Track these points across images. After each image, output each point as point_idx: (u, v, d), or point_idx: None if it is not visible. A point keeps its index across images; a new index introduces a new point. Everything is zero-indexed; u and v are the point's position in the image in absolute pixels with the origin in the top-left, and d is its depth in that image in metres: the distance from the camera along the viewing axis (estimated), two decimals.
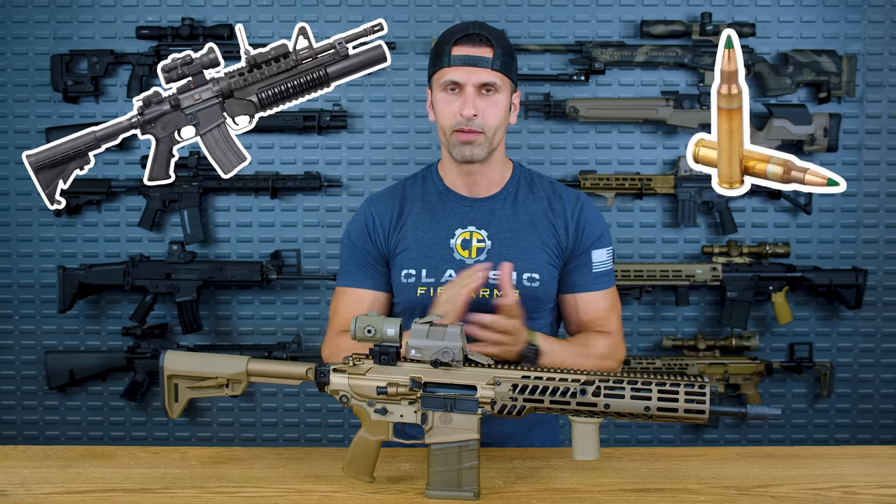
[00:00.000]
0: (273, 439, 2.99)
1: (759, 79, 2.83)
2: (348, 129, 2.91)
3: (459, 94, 1.63)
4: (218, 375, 1.33)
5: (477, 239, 1.70)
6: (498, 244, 1.69)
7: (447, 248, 1.69)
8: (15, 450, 1.54)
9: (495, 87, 1.63)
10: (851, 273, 2.85)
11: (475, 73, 1.61)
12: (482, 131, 1.63)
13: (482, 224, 1.71)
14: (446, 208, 1.73)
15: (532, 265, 1.68)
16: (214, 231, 2.94)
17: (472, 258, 1.68)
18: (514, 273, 1.65)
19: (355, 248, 1.74)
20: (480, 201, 1.73)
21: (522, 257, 1.68)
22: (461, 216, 1.72)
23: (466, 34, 1.63)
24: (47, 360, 2.86)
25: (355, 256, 1.74)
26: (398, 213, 1.74)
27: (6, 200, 2.95)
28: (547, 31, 2.91)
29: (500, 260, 1.64)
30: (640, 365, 2.82)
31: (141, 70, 2.83)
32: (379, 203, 1.77)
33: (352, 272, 1.74)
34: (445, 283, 1.66)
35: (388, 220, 1.74)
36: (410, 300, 1.69)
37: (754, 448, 1.60)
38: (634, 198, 2.90)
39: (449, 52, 1.62)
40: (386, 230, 1.73)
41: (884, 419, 2.98)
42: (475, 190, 1.73)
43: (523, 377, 1.26)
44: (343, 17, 2.90)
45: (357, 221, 1.77)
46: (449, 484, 1.27)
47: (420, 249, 1.70)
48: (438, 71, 1.64)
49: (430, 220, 1.72)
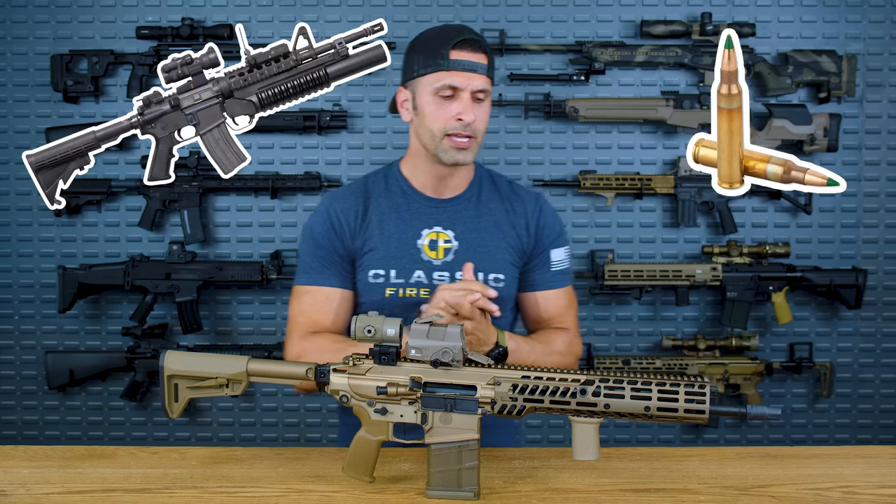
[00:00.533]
0: (273, 439, 2.99)
1: (759, 79, 2.83)
2: (348, 129, 2.91)
3: (453, 99, 1.63)
4: (218, 375, 1.33)
5: (444, 240, 1.71)
6: (464, 245, 1.71)
7: (415, 248, 1.71)
8: (15, 450, 1.54)
9: (486, 93, 1.66)
10: (851, 273, 2.84)
11: (473, 79, 1.63)
12: (474, 136, 1.65)
13: (448, 224, 1.72)
14: (412, 208, 1.74)
15: (497, 266, 1.71)
16: (214, 231, 2.94)
17: (439, 259, 1.70)
18: (480, 274, 1.69)
19: (320, 245, 1.72)
20: (445, 202, 1.74)
21: (488, 258, 1.71)
22: (427, 216, 1.73)
23: (463, 39, 1.63)
24: (47, 360, 2.86)
25: (320, 254, 1.72)
26: (363, 210, 1.73)
27: (6, 200, 2.95)
28: (547, 31, 2.91)
29: (467, 261, 1.66)
30: (640, 365, 2.82)
31: (141, 70, 2.83)
32: (342, 200, 1.76)
33: (316, 269, 1.72)
34: (414, 285, 1.68)
35: (352, 217, 1.73)
36: (377, 301, 1.69)
37: (754, 448, 1.60)
38: (634, 198, 2.90)
39: (447, 56, 1.62)
40: (352, 228, 1.72)
41: (884, 419, 2.98)
42: (442, 191, 1.75)
43: (523, 377, 1.26)
44: (343, 17, 2.90)
45: (320, 218, 1.74)
46: (449, 484, 1.27)
47: (387, 250, 1.70)
48: (434, 73, 1.64)
49: (397, 220, 1.72)
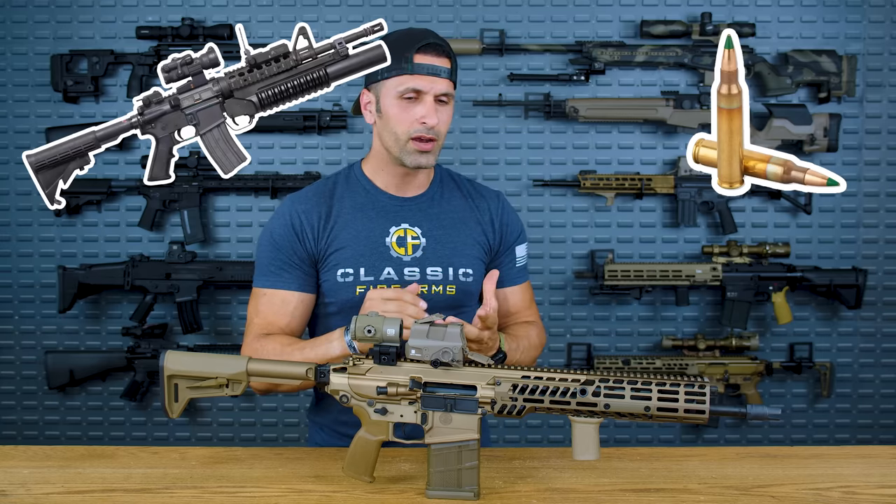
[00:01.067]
0: (273, 439, 2.99)
1: (759, 79, 2.83)
2: (348, 129, 2.91)
3: (417, 102, 1.64)
4: (218, 375, 1.33)
5: (412, 236, 1.72)
6: (433, 241, 1.72)
7: (383, 245, 1.71)
8: (15, 450, 1.54)
9: (449, 97, 1.67)
10: (851, 273, 2.85)
11: (437, 83, 1.64)
12: (436, 139, 1.67)
13: (415, 221, 1.74)
14: (377, 206, 1.74)
15: (466, 261, 1.73)
16: (214, 231, 2.94)
17: (408, 255, 1.71)
18: (450, 269, 1.71)
19: (279, 247, 1.71)
20: (409, 200, 1.75)
21: (456, 253, 1.73)
22: (393, 214, 1.74)
23: (427, 43, 1.64)
24: (47, 360, 2.86)
25: (279, 256, 1.71)
26: (326, 212, 1.73)
27: (6, 200, 2.95)
28: (547, 31, 2.91)
29: (435, 256, 1.71)
30: (640, 365, 2.82)
31: (141, 70, 2.84)
32: (304, 202, 1.74)
33: (273, 272, 1.70)
34: (384, 281, 1.68)
35: (316, 219, 1.72)
36: (348, 299, 1.68)
37: (754, 448, 1.59)
38: (634, 198, 2.90)
39: (411, 60, 1.63)
40: (315, 230, 1.71)
41: (884, 419, 2.98)
42: (405, 190, 1.76)
43: (523, 377, 1.26)
44: (343, 17, 2.90)
45: (281, 220, 1.73)
46: (449, 484, 1.27)
47: (356, 248, 1.70)
48: (398, 77, 1.64)
49: (363, 219, 1.72)
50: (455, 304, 1.71)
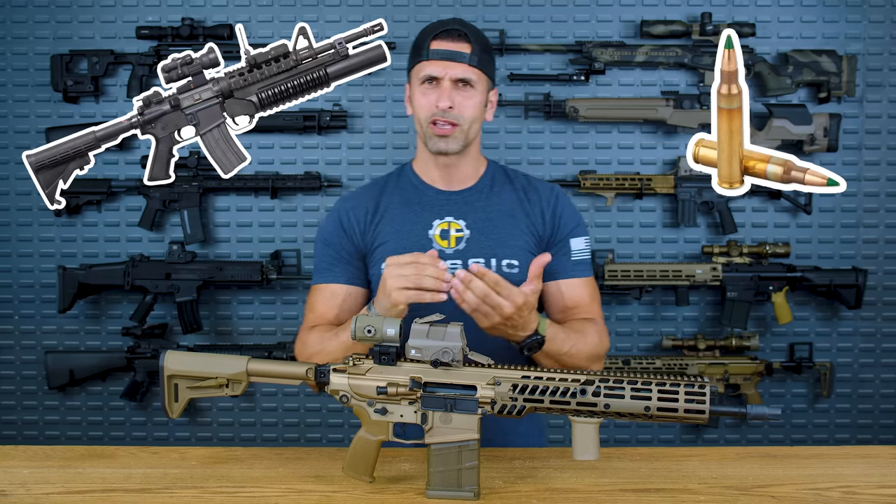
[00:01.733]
0: (273, 439, 2.99)
1: (759, 79, 2.83)
2: (348, 129, 2.91)
3: (436, 88, 1.67)
4: (218, 375, 1.33)
5: (455, 229, 1.72)
6: (476, 233, 1.72)
7: (426, 238, 1.72)
8: (15, 450, 1.54)
9: (471, 83, 1.67)
10: (851, 273, 2.84)
11: (452, 68, 1.65)
12: (457, 123, 1.67)
13: (459, 214, 1.74)
14: (423, 201, 1.76)
15: (511, 252, 1.71)
16: (214, 231, 2.94)
17: (451, 248, 1.71)
18: (493, 260, 1.70)
19: (329, 244, 1.76)
20: (456, 194, 1.76)
21: (501, 245, 1.71)
22: (438, 208, 1.75)
23: (445, 30, 1.67)
24: (47, 360, 2.86)
25: (329, 252, 1.76)
26: (374, 208, 1.76)
27: (6, 200, 2.95)
28: (547, 31, 2.91)
29: (479, 248, 1.70)
30: (640, 365, 2.82)
31: (141, 70, 2.83)
32: (353, 199, 1.80)
33: (325, 268, 1.76)
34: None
35: (363, 214, 1.76)
36: None
37: (754, 448, 1.60)
38: (634, 198, 2.90)
39: (427, 47, 1.67)
40: (362, 225, 1.75)
41: (884, 419, 2.98)
42: (451, 183, 1.76)
43: (523, 377, 1.26)
44: (343, 17, 2.90)
45: (331, 219, 1.79)
46: (449, 484, 1.27)
47: (399, 241, 1.72)
48: (417, 65, 1.69)
49: (408, 213, 1.74)
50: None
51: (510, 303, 1.45)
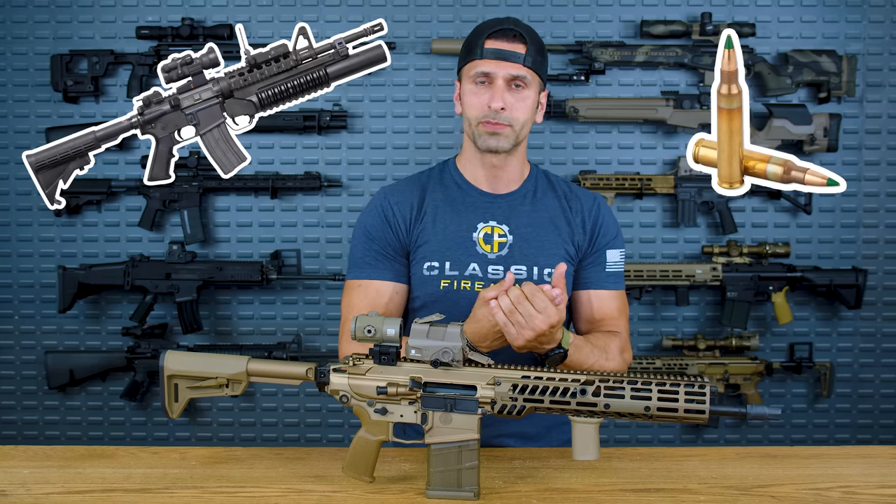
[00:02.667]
0: (273, 439, 2.99)
1: (759, 79, 2.83)
2: (348, 129, 2.91)
3: (489, 87, 1.63)
4: (218, 375, 1.33)
5: (498, 234, 1.70)
6: (519, 239, 1.69)
7: (470, 241, 1.69)
8: (15, 450, 1.54)
9: (525, 83, 1.64)
10: (851, 273, 2.84)
11: (506, 67, 1.62)
12: (510, 125, 1.64)
13: (503, 219, 1.71)
14: (467, 202, 1.72)
15: (552, 261, 1.67)
16: (214, 231, 2.94)
17: (493, 253, 1.68)
18: (535, 268, 1.67)
19: (373, 238, 1.70)
20: (500, 197, 1.73)
21: (543, 253, 1.69)
22: (482, 210, 1.71)
23: (500, 28, 1.64)
24: (47, 360, 2.86)
25: (373, 247, 1.70)
26: (418, 204, 1.72)
27: (6, 200, 2.95)
28: (547, 31, 2.91)
29: (521, 255, 1.67)
30: (640, 365, 2.82)
31: (141, 70, 2.83)
32: (397, 193, 1.74)
33: (369, 263, 1.69)
34: (468, 277, 1.66)
35: (408, 210, 1.71)
36: (432, 293, 1.67)
37: (754, 448, 1.60)
38: (634, 198, 2.90)
39: (482, 45, 1.63)
40: (407, 221, 1.71)
41: (884, 419, 2.98)
42: (496, 185, 1.73)
43: (523, 377, 1.26)
44: (343, 17, 2.90)
45: (374, 211, 1.73)
46: (449, 484, 1.27)
47: (443, 242, 1.68)
48: (469, 63, 1.65)
49: (452, 213, 1.71)
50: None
51: (545, 316, 1.40)
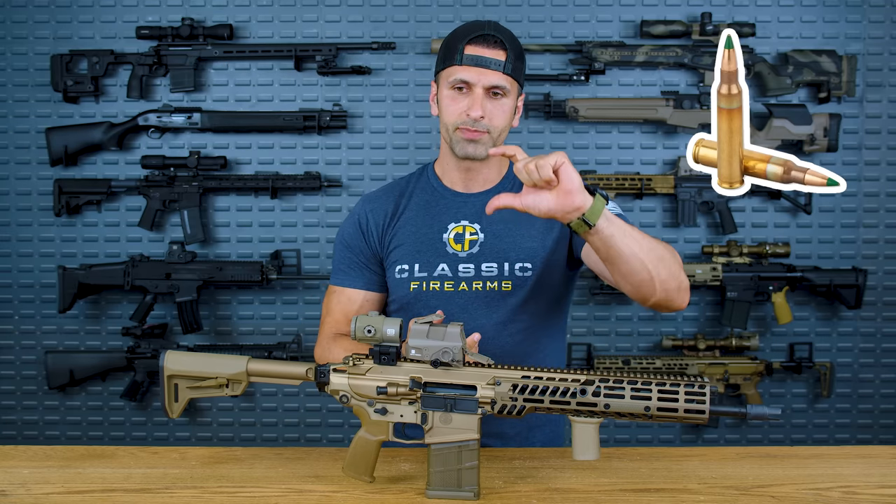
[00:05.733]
0: (273, 439, 2.99)
1: (759, 79, 2.83)
2: (348, 129, 2.91)
3: (467, 94, 1.62)
4: (218, 375, 1.33)
5: (469, 232, 1.71)
6: (490, 236, 1.70)
7: (440, 242, 1.70)
8: (15, 450, 1.54)
9: (504, 91, 1.62)
10: (851, 273, 2.84)
11: (486, 75, 1.60)
12: (487, 131, 1.63)
13: (475, 218, 1.72)
14: (440, 204, 1.74)
15: (524, 255, 1.68)
16: (214, 231, 2.94)
17: (464, 251, 1.70)
18: (506, 263, 1.67)
19: (348, 246, 1.76)
20: (474, 196, 1.74)
21: (514, 248, 1.69)
22: (454, 211, 1.73)
23: (481, 34, 1.62)
24: (47, 360, 2.86)
25: (347, 255, 1.76)
26: (392, 210, 1.75)
27: (6, 200, 2.95)
28: (547, 31, 2.91)
29: (492, 252, 1.68)
30: (640, 365, 2.82)
31: (141, 70, 2.84)
32: (373, 201, 1.79)
33: (343, 271, 1.76)
34: (437, 278, 1.67)
35: (381, 217, 1.75)
36: (404, 296, 1.70)
37: (754, 448, 1.60)
38: (634, 198, 2.90)
39: (461, 51, 1.61)
40: (380, 228, 1.74)
41: (884, 419, 2.98)
42: (470, 186, 1.74)
43: (523, 377, 1.25)
44: (343, 17, 2.90)
45: (351, 220, 1.79)
46: (449, 484, 1.27)
47: (413, 245, 1.71)
48: (448, 68, 1.64)
49: (425, 217, 1.73)
50: (512, 299, 1.67)
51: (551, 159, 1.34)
